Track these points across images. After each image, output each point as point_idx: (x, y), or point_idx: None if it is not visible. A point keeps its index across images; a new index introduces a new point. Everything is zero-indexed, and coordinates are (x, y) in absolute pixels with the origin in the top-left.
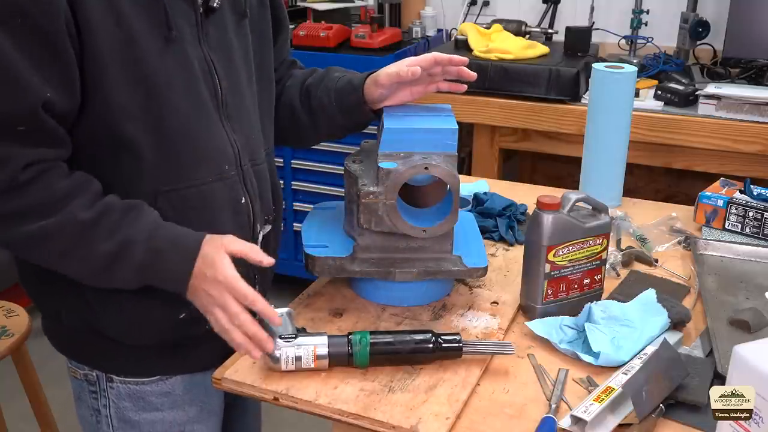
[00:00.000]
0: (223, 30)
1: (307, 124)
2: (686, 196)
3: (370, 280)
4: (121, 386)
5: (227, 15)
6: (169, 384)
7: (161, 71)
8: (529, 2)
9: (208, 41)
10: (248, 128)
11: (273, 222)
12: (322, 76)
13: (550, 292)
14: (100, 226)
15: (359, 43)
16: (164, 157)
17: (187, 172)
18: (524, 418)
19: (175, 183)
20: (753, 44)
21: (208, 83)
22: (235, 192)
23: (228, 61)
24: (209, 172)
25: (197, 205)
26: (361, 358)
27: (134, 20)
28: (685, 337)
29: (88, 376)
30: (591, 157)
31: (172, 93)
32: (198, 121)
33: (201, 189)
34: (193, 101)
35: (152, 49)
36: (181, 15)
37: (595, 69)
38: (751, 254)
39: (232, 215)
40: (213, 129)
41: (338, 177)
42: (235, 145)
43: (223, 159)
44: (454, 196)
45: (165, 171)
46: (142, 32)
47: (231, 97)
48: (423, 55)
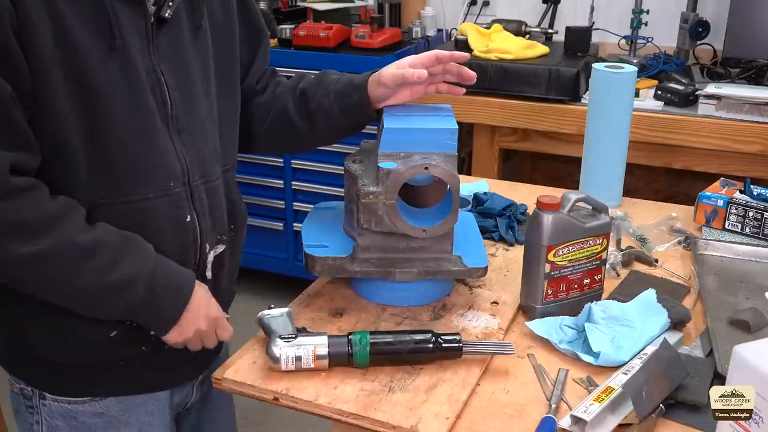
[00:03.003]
0: (177, 41)
1: (304, 129)
2: (686, 196)
3: (370, 280)
4: (54, 404)
5: (183, 26)
6: (102, 405)
7: (103, 80)
8: (529, 2)
9: (158, 52)
10: (202, 143)
11: (229, 241)
12: (319, 79)
13: (550, 292)
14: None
15: (359, 43)
16: (101, 168)
17: (126, 186)
18: (524, 418)
19: (112, 197)
20: (753, 44)
21: (156, 95)
22: (180, 209)
23: (181, 72)
24: (150, 188)
25: (135, 221)
26: (361, 358)
27: (76, 28)
28: (685, 337)
29: (24, 391)
30: (591, 157)
31: (113, 103)
32: (141, 133)
33: (140, 205)
34: (138, 113)
35: (93, 58)
36: (131, 25)
37: (595, 69)
38: (751, 254)
39: (174, 234)
40: (158, 143)
41: (338, 177)
42: (183, 161)
43: (168, 175)
44: (454, 196)
45: (102, 183)
46: (83, 40)
47: (183, 111)
48: (425, 53)
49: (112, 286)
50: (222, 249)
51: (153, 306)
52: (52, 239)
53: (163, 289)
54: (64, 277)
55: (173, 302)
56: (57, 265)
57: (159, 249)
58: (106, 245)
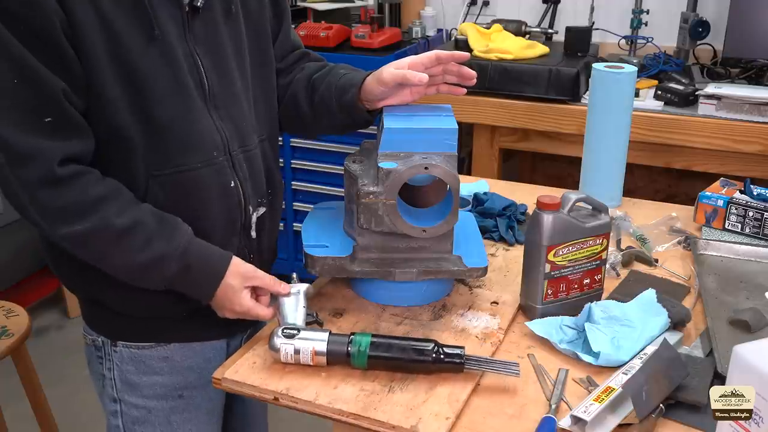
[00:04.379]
0: (211, 26)
1: (309, 117)
2: (686, 196)
3: (370, 280)
4: (124, 350)
5: (217, 12)
6: (167, 350)
7: (146, 67)
8: (529, 2)
9: (195, 38)
10: (239, 117)
11: (268, 204)
12: (328, 71)
13: (550, 292)
14: (136, 235)
15: (359, 43)
16: (154, 145)
17: (175, 158)
18: (524, 418)
19: (164, 168)
20: (753, 44)
21: (194, 76)
22: (224, 176)
23: (217, 54)
24: (197, 158)
25: (186, 188)
26: (359, 360)
27: (119, 21)
28: (685, 337)
29: (96, 342)
30: (591, 157)
31: (157, 87)
32: (184, 111)
33: (189, 174)
34: (179, 94)
35: (136, 48)
36: (167, 15)
37: (595, 69)
38: (751, 254)
39: (221, 198)
40: (200, 119)
41: (338, 177)
42: (223, 133)
43: (210, 146)
44: (454, 196)
45: (155, 157)
46: (125, 32)
47: (219, 88)
48: (425, 54)
49: (145, 264)
50: (263, 211)
51: (189, 283)
52: (93, 221)
53: (198, 269)
54: (105, 255)
55: (206, 282)
56: (97, 244)
57: (210, 212)
58: (143, 225)
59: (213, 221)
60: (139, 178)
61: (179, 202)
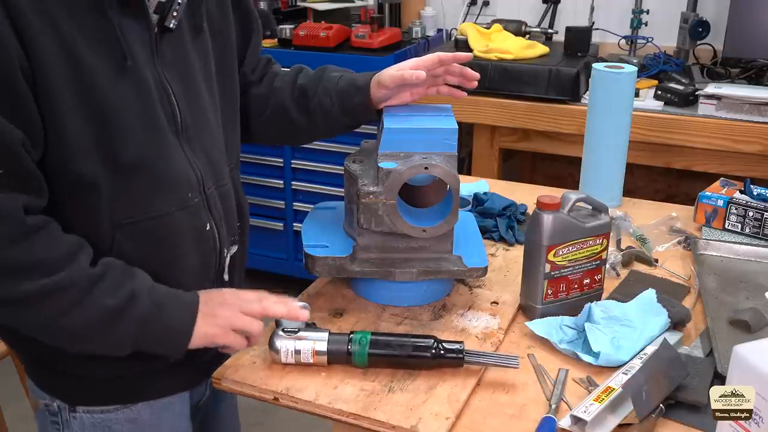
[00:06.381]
0: (180, 47)
1: (303, 125)
2: (686, 196)
3: (370, 280)
4: (85, 416)
5: (185, 30)
6: (134, 411)
7: (116, 102)
8: (529, 2)
9: (163, 62)
10: (211, 148)
11: (239, 240)
12: (319, 75)
13: (550, 292)
14: (107, 281)
15: (359, 43)
16: (122, 190)
17: (147, 203)
18: (524, 418)
19: (134, 216)
20: (753, 44)
21: (165, 106)
22: (199, 219)
23: (186, 78)
24: (170, 202)
25: (158, 236)
26: (360, 358)
27: (86, 51)
28: (685, 337)
29: (50, 407)
30: (591, 157)
31: (127, 123)
32: (156, 149)
33: (162, 220)
34: (150, 128)
35: (105, 80)
36: (136, 39)
37: (595, 69)
38: (751, 254)
39: (195, 243)
40: (172, 156)
41: (338, 177)
42: (198, 170)
43: (185, 187)
44: (454, 196)
45: (123, 204)
46: (94, 64)
47: (191, 118)
48: (427, 56)
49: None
50: (235, 249)
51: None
52: (68, 271)
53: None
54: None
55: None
56: (63, 298)
57: (182, 261)
58: (112, 269)
59: (185, 269)
60: (103, 231)
61: (149, 253)
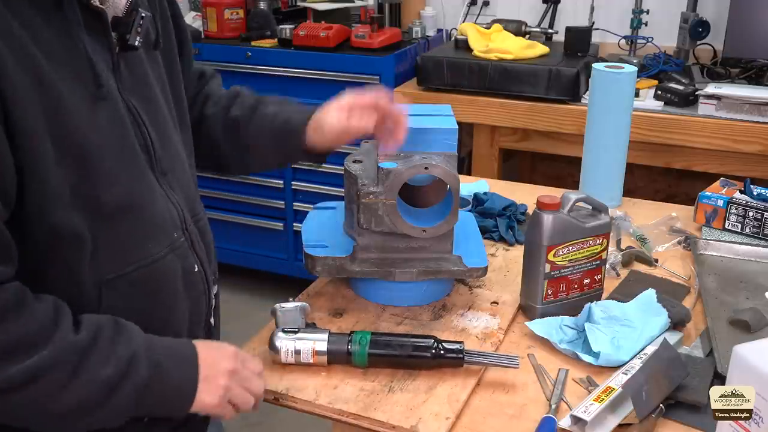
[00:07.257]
0: (138, 67)
1: (234, 159)
2: (686, 196)
3: (370, 280)
4: None
5: (141, 49)
6: None
7: (92, 136)
8: (529, 2)
9: (123, 85)
10: (183, 178)
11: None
12: (252, 109)
13: (550, 292)
14: (98, 348)
15: (359, 43)
16: (106, 238)
17: (135, 251)
18: (524, 418)
19: (122, 268)
20: (753, 44)
21: (139, 138)
22: (187, 260)
23: (151, 104)
24: (161, 244)
25: (150, 286)
26: (360, 358)
27: (58, 81)
28: (685, 337)
29: None
30: (591, 157)
31: (106, 161)
32: (137, 187)
33: (154, 267)
34: (130, 164)
35: (81, 112)
36: (99, 58)
37: (595, 69)
38: (751, 254)
39: (186, 288)
40: (154, 193)
41: (338, 177)
42: (177, 206)
43: (170, 225)
44: (454, 196)
45: (109, 255)
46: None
47: (162, 149)
48: (366, 96)
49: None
50: (216, 289)
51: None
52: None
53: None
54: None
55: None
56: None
57: (176, 309)
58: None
59: (179, 318)
60: (87, 290)
61: (141, 307)
